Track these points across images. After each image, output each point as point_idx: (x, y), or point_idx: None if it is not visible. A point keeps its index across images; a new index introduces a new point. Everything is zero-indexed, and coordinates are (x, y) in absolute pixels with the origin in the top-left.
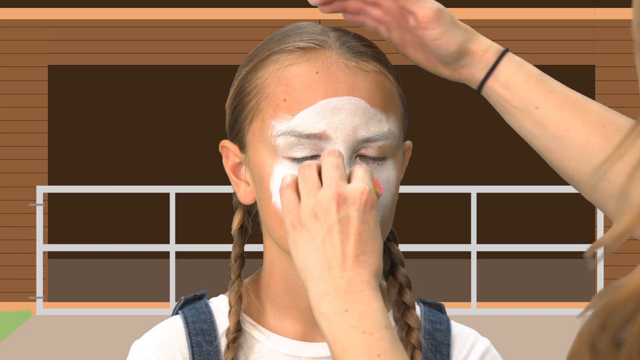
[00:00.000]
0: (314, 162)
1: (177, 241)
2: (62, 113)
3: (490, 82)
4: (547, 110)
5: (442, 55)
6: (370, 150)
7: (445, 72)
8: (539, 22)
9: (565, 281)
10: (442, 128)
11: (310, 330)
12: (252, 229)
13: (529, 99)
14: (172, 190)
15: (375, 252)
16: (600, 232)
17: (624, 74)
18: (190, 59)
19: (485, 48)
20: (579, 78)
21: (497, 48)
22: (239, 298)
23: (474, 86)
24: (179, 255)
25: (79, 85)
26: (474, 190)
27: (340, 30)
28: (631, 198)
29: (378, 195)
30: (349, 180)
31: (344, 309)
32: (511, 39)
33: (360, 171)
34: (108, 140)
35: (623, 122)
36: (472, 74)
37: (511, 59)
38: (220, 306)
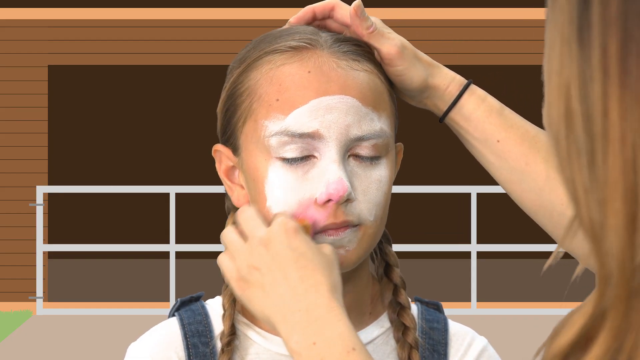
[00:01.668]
0: (230, 227)
1: (177, 241)
2: (62, 113)
3: (452, 114)
4: (508, 144)
5: (405, 90)
6: (365, 150)
7: (409, 101)
8: (539, 22)
9: (565, 281)
10: (443, 128)
11: None
12: None
13: (490, 132)
14: (172, 190)
15: (319, 270)
16: None
17: None
18: (190, 59)
19: (447, 82)
20: None
21: (459, 81)
22: (233, 301)
23: (437, 114)
24: (179, 255)
25: (79, 85)
26: (474, 190)
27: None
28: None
29: (307, 228)
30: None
31: (312, 342)
32: (511, 39)
33: (277, 215)
34: (108, 140)
35: None
36: (435, 104)
37: (473, 93)
38: (216, 307)
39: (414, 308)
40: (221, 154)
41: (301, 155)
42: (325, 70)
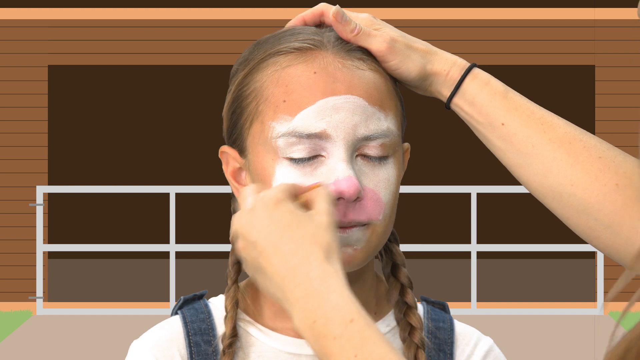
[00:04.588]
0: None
1: (177, 241)
2: (62, 113)
3: (456, 100)
4: (513, 127)
5: (405, 81)
6: (373, 149)
7: (415, 91)
8: (539, 22)
9: (565, 281)
10: (443, 128)
11: None
12: None
13: (494, 116)
14: (172, 190)
15: (307, 239)
16: None
17: (624, 74)
18: (190, 59)
19: (448, 67)
20: (579, 78)
21: (461, 65)
22: (235, 303)
23: (442, 101)
24: (179, 255)
25: (79, 85)
26: (474, 190)
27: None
28: None
29: (307, 203)
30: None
31: (312, 321)
32: (511, 39)
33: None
34: (108, 140)
35: (588, 139)
36: (438, 91)
37: (476, 77)
38: (219, 306)
39: (420, 308)
40: (228, 156)
41: (309, 155)
42: (331, 70)
